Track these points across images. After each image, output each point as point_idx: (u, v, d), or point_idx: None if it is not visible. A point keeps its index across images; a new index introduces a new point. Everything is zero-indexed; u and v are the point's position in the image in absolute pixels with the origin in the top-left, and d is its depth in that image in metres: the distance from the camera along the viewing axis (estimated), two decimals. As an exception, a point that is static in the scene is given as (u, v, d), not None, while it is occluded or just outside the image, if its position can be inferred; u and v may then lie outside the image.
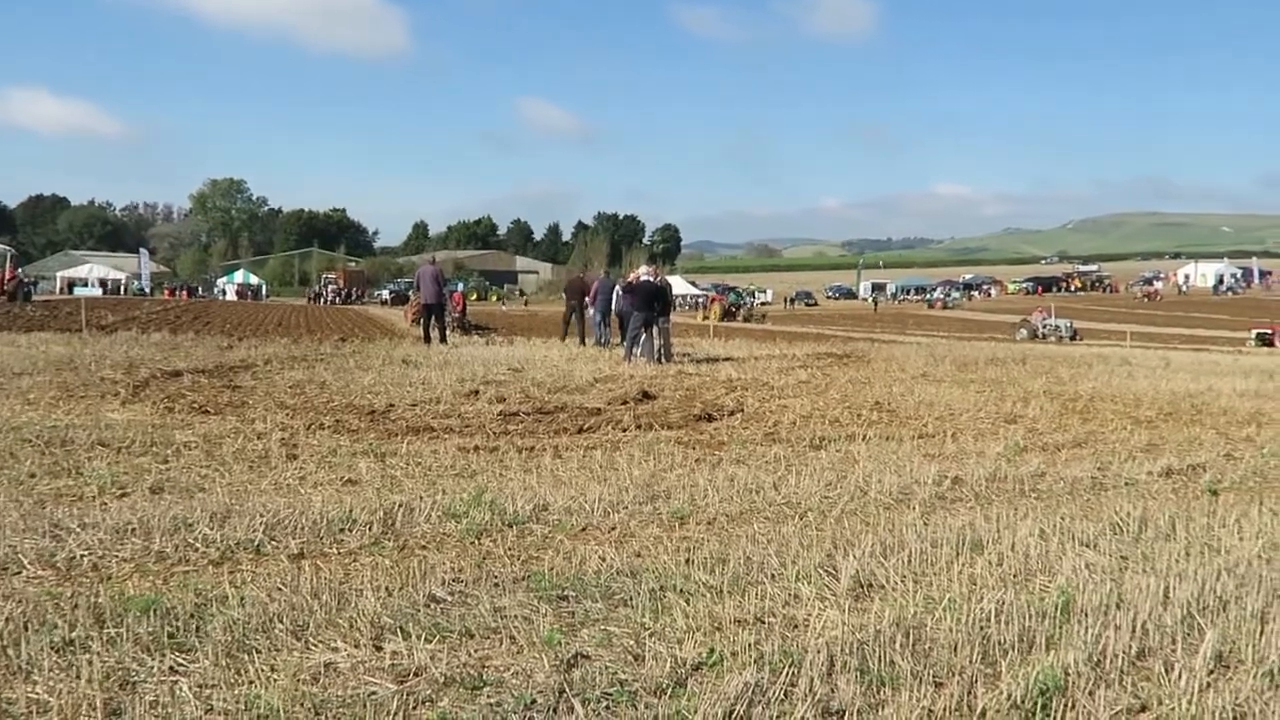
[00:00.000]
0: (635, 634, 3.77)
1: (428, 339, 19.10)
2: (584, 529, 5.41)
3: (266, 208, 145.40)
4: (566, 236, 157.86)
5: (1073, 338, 41.27)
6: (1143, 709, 3.25)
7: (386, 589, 4.21)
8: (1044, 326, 43.52)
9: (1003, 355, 19.96)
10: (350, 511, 5.41)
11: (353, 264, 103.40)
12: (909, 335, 38.69)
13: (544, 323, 38.11)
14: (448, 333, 20.41)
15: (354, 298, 78.59)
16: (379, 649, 3.54)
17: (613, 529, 5.41)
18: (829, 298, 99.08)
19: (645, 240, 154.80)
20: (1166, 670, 3.51)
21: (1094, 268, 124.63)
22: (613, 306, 18.82)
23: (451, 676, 3.33)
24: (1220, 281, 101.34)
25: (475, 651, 3.57)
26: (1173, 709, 3.20)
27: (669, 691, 3.25)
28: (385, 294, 75.06)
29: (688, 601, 4.10)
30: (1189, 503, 6.38)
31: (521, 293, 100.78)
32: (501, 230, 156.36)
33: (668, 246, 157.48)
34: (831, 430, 9.20)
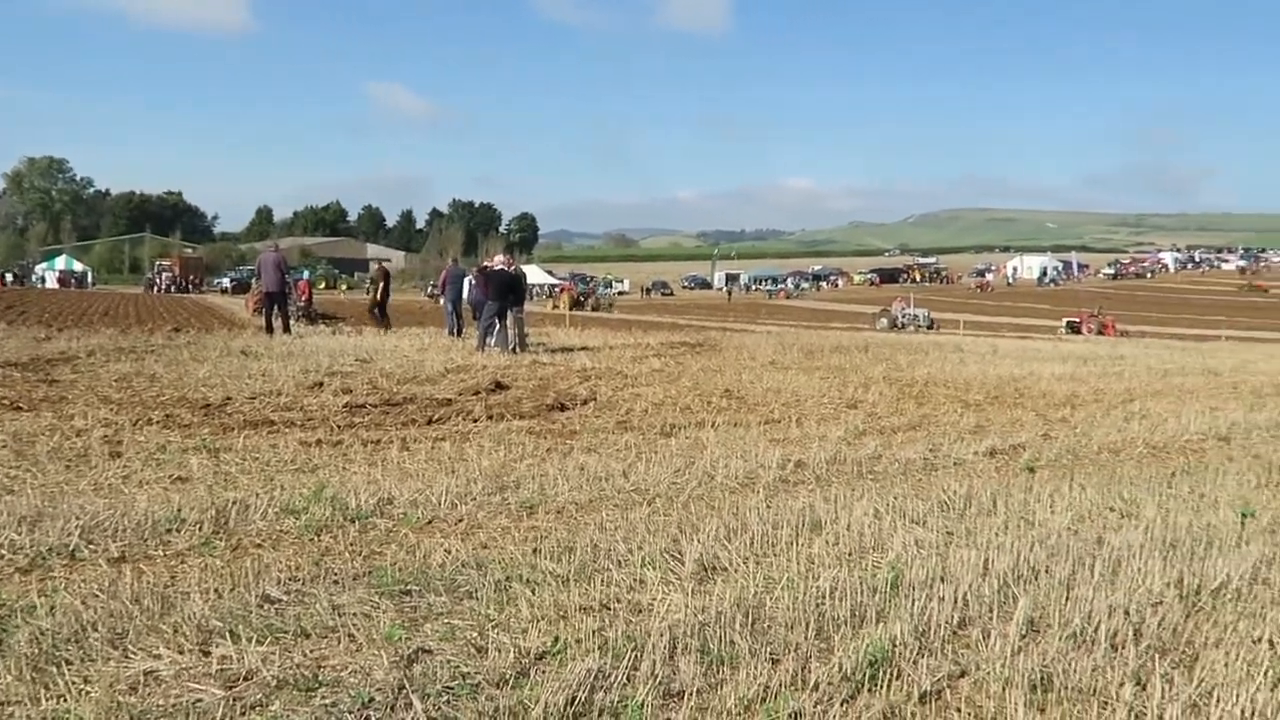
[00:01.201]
0: (479, 626, 3.73)
1: (270, 329, 18.29)
2: (430, 522, 5.30)
3: (93, 189, 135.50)
4: (421, 224, 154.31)
5: (930, 327, 43.03)
6: (962, 674, 3.45)
7: (216, 591, 4.01)
8: (903, 316, 45.23)
9: (847, 343, 20.77)
10: (179, 511, 5.12)
11: (189, 250, 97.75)
12: (760, 324, 39.74)
13: (395, 312, 37.14)
14: (292, 323, 19.61)
15: (191, 286, 74.37)
16: (206, 654, 3.37)
17: (460, 521, 5.33)
18: (685, 288, 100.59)
19: (501, 229, 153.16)
20: (984, 637, 3.74)
21: (932, 260, 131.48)
22: (465, 296, 18.53)
23: (284, 679, 3.20)
24: (1044, 274, 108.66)
25: (311, 652, 3.44)
26: (988, 673, 3.41)
27: (512, 682, 3.23)
28: (225, 282, 71.37)
29: (534, 591, 4.08)
30: (1009, 480, 6.82)
31: (372, 281, 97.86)
32: (352, 216, 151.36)
33: (525, 235, 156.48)
34: (682, 417, 9.36)
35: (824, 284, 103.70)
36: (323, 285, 70.84)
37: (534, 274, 71.49)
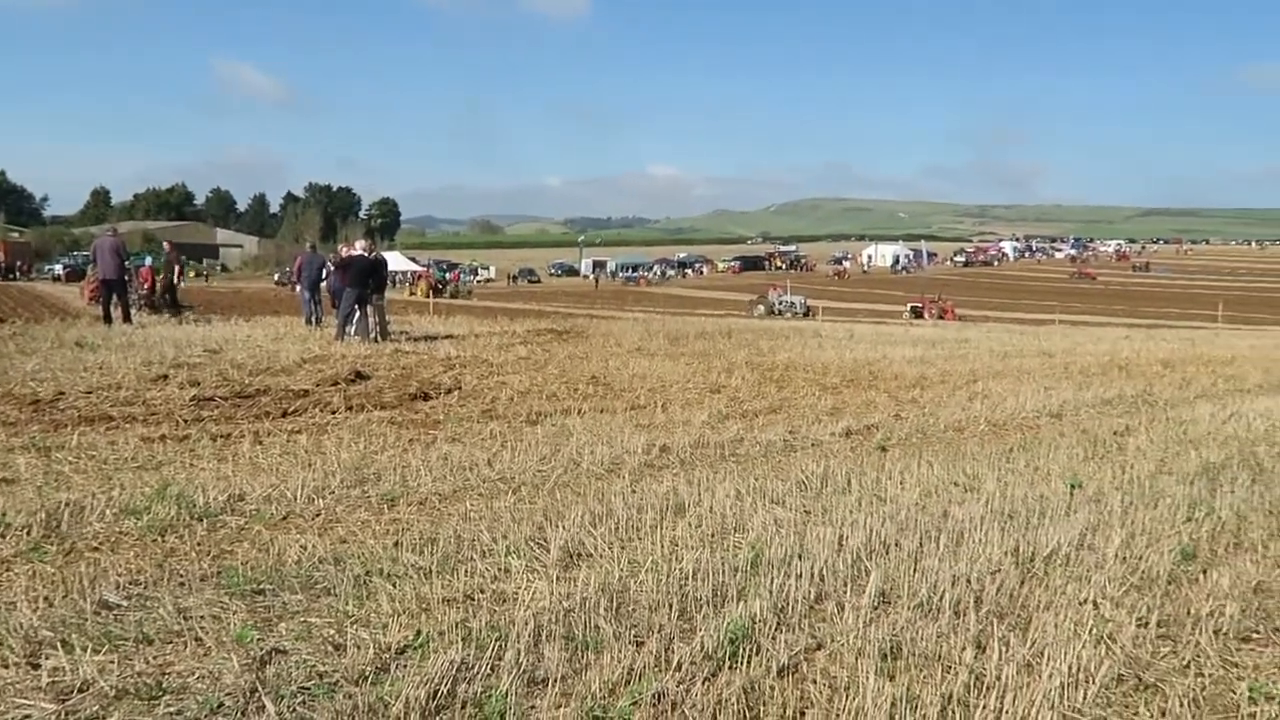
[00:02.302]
0: (337, 623, 3.62)
1: (108, 319, 17.18)
2: (285, 518, 5.11)
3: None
4: (275, 208, 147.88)
5: (806, 314, 43.88)
6: (819, 647, 3.57)
7: (46, 599, 3.75)
8: (780, 303, 45.94)
9: (711, 329, 21.15)
10: (3, 515, 4.76)
11: (15, 234, 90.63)
12: (627, 311, 40.00)
13: (248, 300, 35.56)
14: (133, 312, 18.49)
15: (18, 273, 69.02)
16: (35, 666, 3.15)
17: (317, 516, 5.15)
18: (552, 275, 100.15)
19: (362, 214, 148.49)
20: (839, 610, 3.88)
21: (793, 248, 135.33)
22: (323, 283, 17.91)
23: (124, 688, 3.03)
24: (896, 261, 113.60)
25: (154, 659, 3.27)
26: (843, 644, 3.55)
27: (371, 679, 3.15)
28: (58, 269, 66.54)
29: (395, 585, 3.99)
30: (863, 459, 7.10)
31: (224, 268, 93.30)
32: (199, 200, 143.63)
33: (386, 221, 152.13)
34: (549, 405, 9.32)
35: (689, 271, 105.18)
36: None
37: (396, 260, 69.61)
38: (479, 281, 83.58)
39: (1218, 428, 8.81)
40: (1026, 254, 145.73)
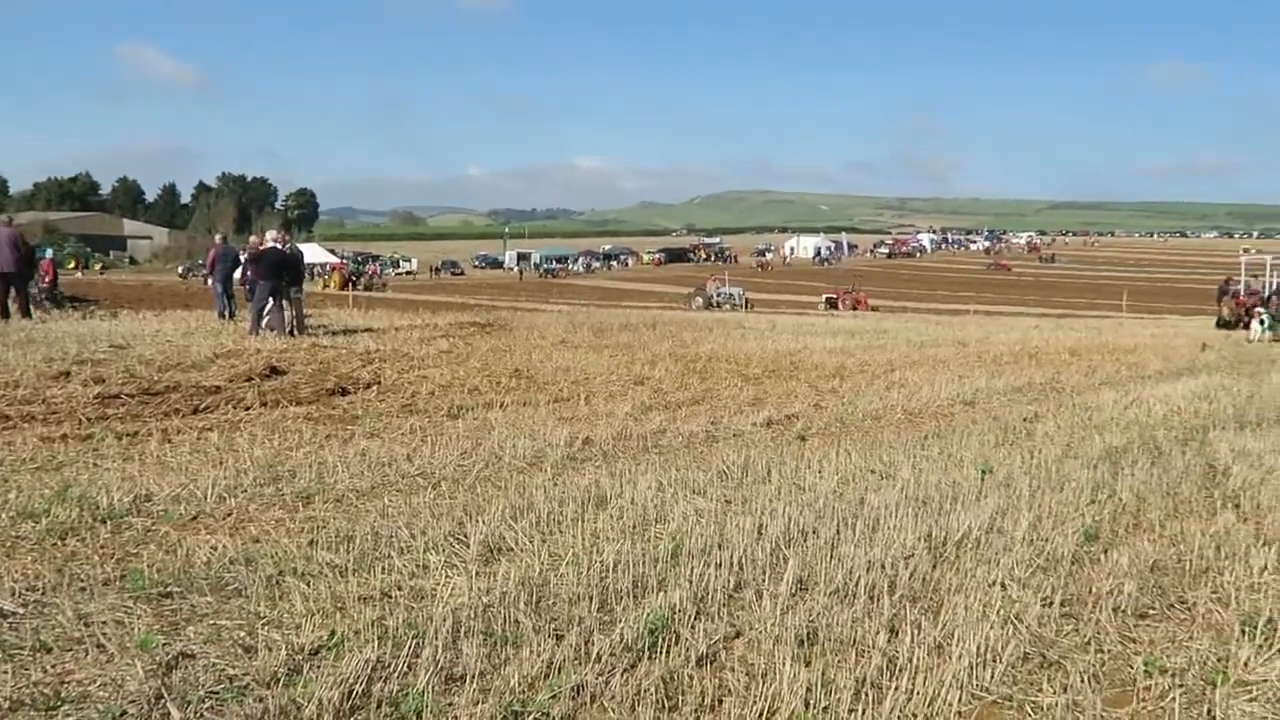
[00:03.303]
0: (249, 625, 3.53)
1: (5, 314, 16.43)
2: (194, 518, 4.96)
3: None
4: (186, 198, 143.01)
5: (745, 306, 43.62)
6: (737, 635, 3.61)
7: (-66, 609, 3.57)
8: (718, 295, 45.90)
9: (635, 321, 21.20)
10: (-113, 521, 4.52)
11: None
12: (552, 304, 39.85)
13: (157, 294, 34.36)
14: (32, 306, 17.71)
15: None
16: (-79, 680, 3.00)
17: (228, 515, 5.01)
18: (476, 267, 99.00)
19: (278, 205, 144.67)
20: (757, 598, 3.93)
21: (717, 240, 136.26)
22: (236, 276, 17.42)
23: (19, 699, 2.91)
24: (818, 253, 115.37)
25: (52, 667, 3.15)
26: (761, 632, 3.60)
27: (283, 680, 3.08)
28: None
29: (309, 584, 3.90)
30: (783, 449, 7.20)
31: (132, 260, 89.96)
32: (105, 189, 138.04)
33: (304, 212, 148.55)
34: (470, 399, 9.23)
35: (614, 263, 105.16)
36: (72, 265, 64.23)
37: (315, 253, 68.08)
38: (396, 274, 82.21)
39: (1120, 413, 9.17)
40: (943, 246, 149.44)
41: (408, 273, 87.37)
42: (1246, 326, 28.36)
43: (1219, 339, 22.10)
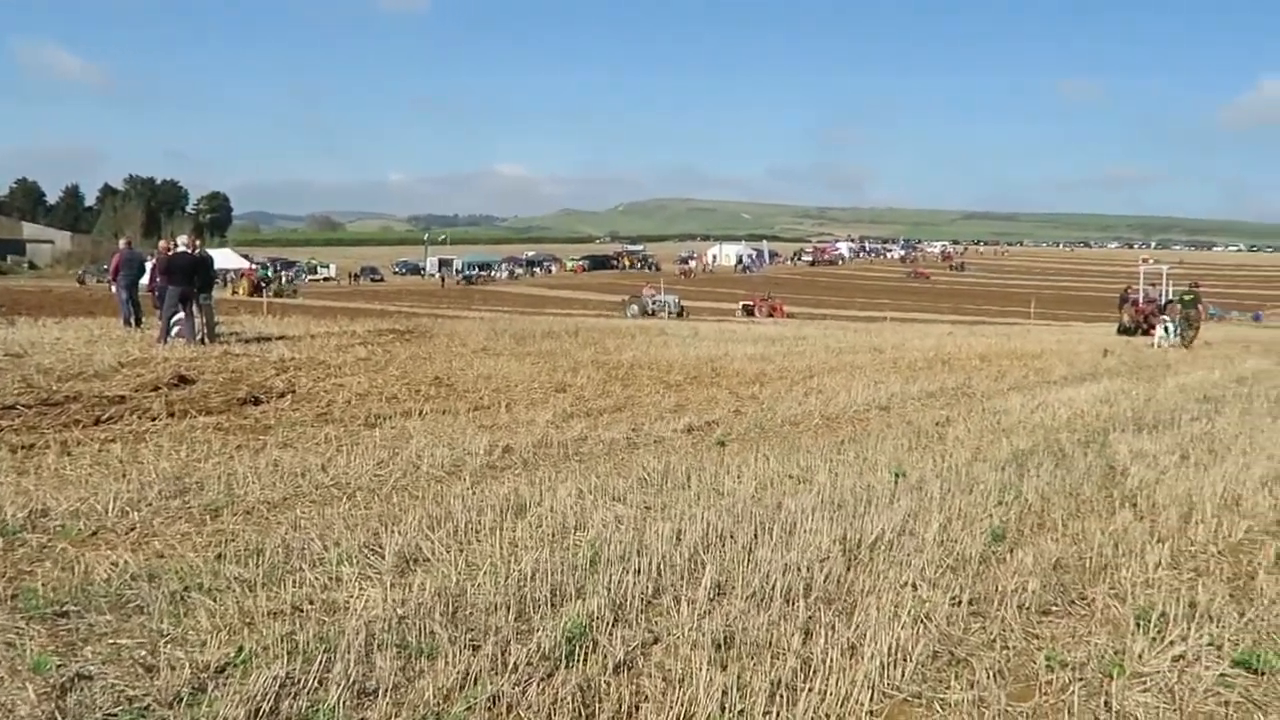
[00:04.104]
0: (150, 643, 3.41)
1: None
2: (95, 533, 4.76)
3: None
4: (90, 201, 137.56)
5: (680, 314, 43.51)
6: (655, 641, 3.62)
7: None
8: (653, 303, 45.65)
9: (558, 329, 21.11)
10: None
11: None
12: (474, 311, 39.46)
13: (58, 300, 32.98)
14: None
15: None
16: None
17: (131, 530, 4.83)
18: (396, 273, 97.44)
19: (189, 208, 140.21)
20: (675, 604, 3.95)
21: (640, 247, 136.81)
22: (143, 282, 16.82)
23: (-103, 728, 2.75)
24: (740, 261, 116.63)
25: (-65, 693, 2.98)
26: (678, 637, 3.61)
27: (186, 700, 2.98)
28: None
29: (215, 600, 3.79)
30: (703, 454, 7.25)
31: (31, 265, 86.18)
32: (2, 190, 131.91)
33: (217, 216, 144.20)
34: (388, 407, 9.07)
35: (538, 270, 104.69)
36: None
37: (228, 258, 66.21)
38: (313, 280, 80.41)
39: (1027, 417, 9.48)
40: (861, 254, 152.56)
41: (326, 279, 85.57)
42: (1146, 333, 29.66)
43: (1120, 345, 23.03)
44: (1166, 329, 23.91)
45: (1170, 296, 33.38)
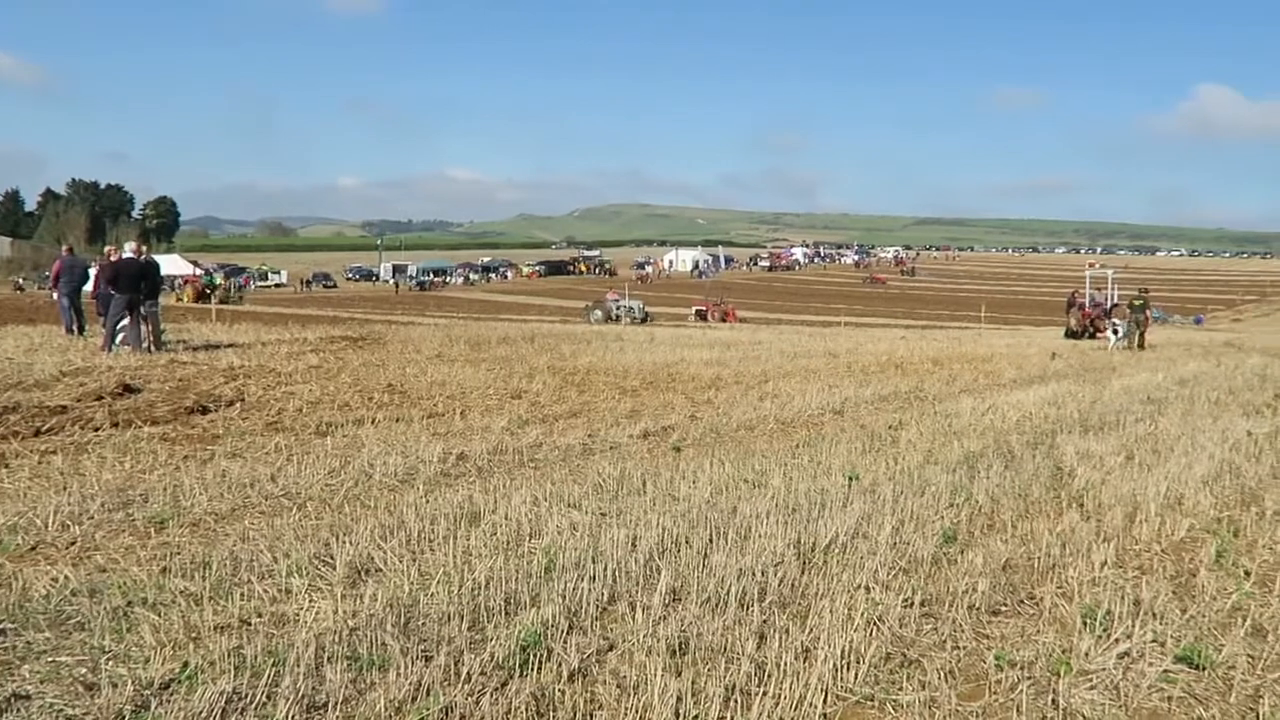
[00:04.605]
0: (91, 660, 3.32)
1: None
2: (33, 548, 4.64)
3: None
4: (31, 205, 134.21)
5: (644, 320, 43.31)
6: (610, 648, 3.61)
7: None
8: (617, 308, 45.44)
9: (514, 334, 21.02)
10: None
11: None
12: (429, 317, 39.14)
13: None
14: None
15: None
16: None
17: (72, 544, 4.70)
18: (349, 279, 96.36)
19: (135, 213, 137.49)
20: (631, 610, 3.94)
21: (596, 253, 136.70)
22: (87, 289, 16.42)
23: None
24: (696, 266, 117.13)
25: None
26: (633, 643, 3.60)
27: (129, 718, 2.91)
28: None
29: (160, 614, 3.70)
30: (658, 460, 7.26)
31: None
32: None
33: (163, 222, 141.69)
34: (340, 415, 8.95)
35: (493, 276, 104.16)
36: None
37: (176, 264, 64.93)
38: (263, 286, 79.17)
39: (977, 419, 9.62)
40: (815, 260, 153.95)
41: (277, 285, 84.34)
42: (1093, 336, 30.32)
43: (1067, 348, 23.50)
44: (1117, 331, 24.45)
45: (1115, 300, 34.20)
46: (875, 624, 3.85)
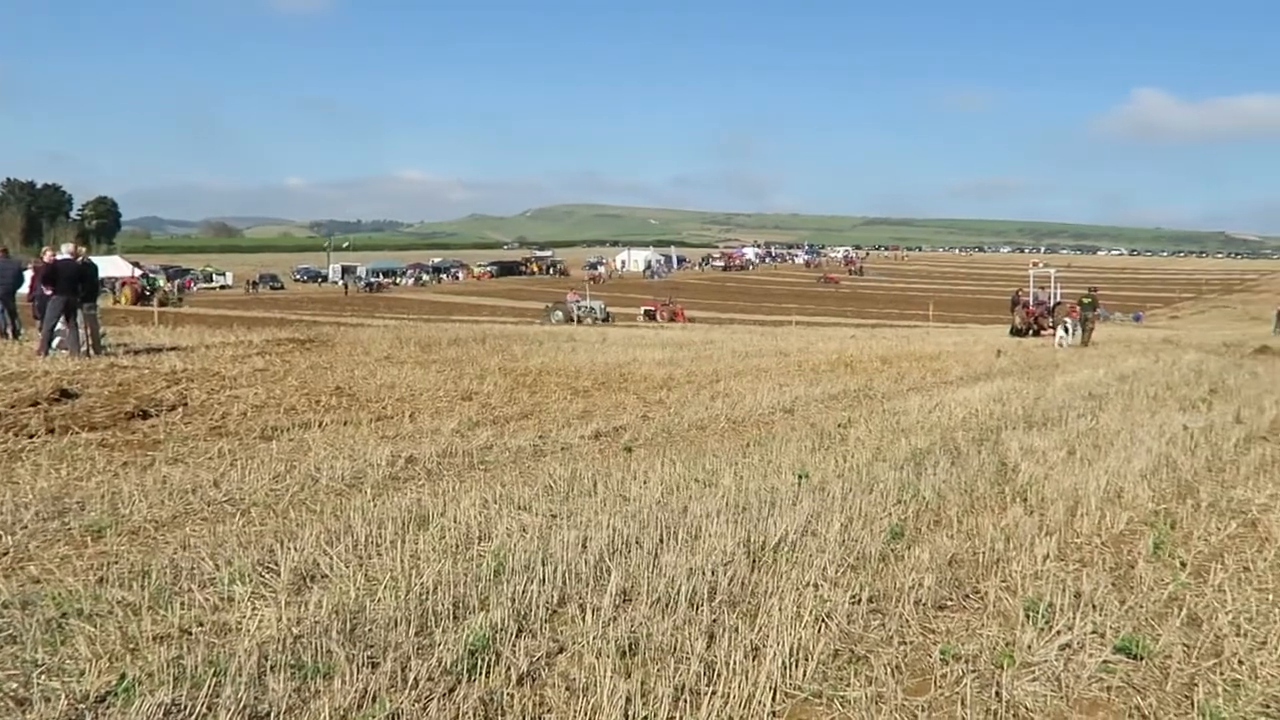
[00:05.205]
0: (23, 674, 3.22)
1: None
2: (-37, 559, 4.48)
3: None
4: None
5: (605, 319, 43.24)
6: (560, 650, 3.59)
7: None
8: (579, 309, 45.13)
9: (465, 335, 20.85)
10: None
11: None
12: (378, 318, 38.68)
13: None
14: None
15: None
16: None
17: (4, 555, 4.57)
18: (297, 281, 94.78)
19: (74, 214, 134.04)
20: (581, 612, 3.92)
21: (549, 253, 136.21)
22: (21, 291, 15.96)
23: None
24: (648, 267, 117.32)
25: None
26: (583, 645, 3.59)
27: (62, 733, 2.82)
28: None
29: (96, 626, 3.61)
30: (610, 460, 7.24)
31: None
32: None
33: (103, 222, 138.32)
34: (286, 419, 8.80)
35: (445, 276, 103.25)
36: None
37: (117, 266, 63.37)
38: (205, 289, 77.61)
39: (925, 417, 9.76)
40: (767, 259, 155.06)
41: (222, 287, 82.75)
42: (1037, 334, 30.95)
43: (1012, 346, 23.95)
44: (1066, 329, 24.99)
45: (1059, 299, 34.95)
46: (824, 621, 3.88)
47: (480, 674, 3.30)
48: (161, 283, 60.48)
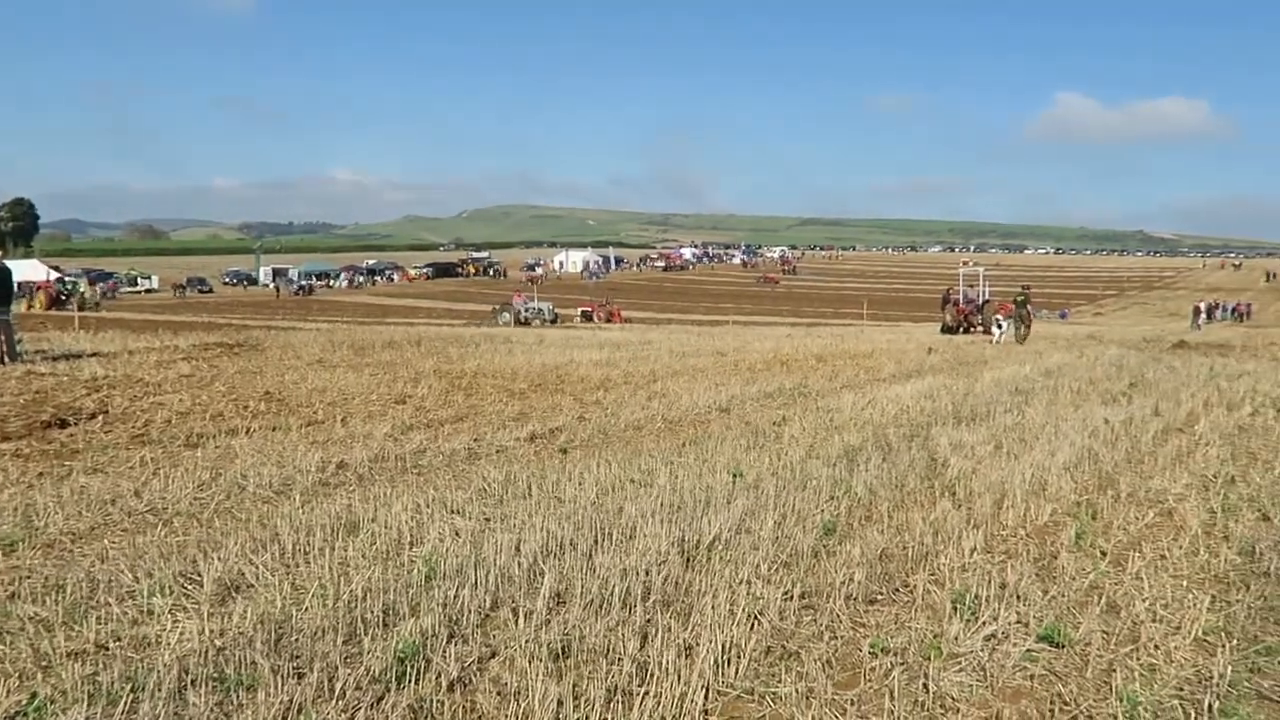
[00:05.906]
0: (-74, 697, 3.08)
1: None
2: None
3: None
4: None
5: (554, 320, 42.74)
6: (492, 655, 3.56)
7: None
8: (526, 310, 44.60)
9: (400, 338, 20.56)
10: None
11: None
12: (311, 321, 37.94)
13: None
14: None
15: None
16: None
17: (-93, 571, 4.36)
18: (226, 284, 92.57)
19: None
20: (514, 615, 3.89)
21: (486, 254, 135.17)
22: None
23: None
24: (586, 267, 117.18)
25: None
26: (516, 649, 3.56)
27: (-33, 757, 2.71)
28: None
29: (6, 643, 3.47)
30: (545, 462, 7.21)
31: None
32: None
33: (20, 225, 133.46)
34: (212, 426, 8.58)
35: (379, 278, 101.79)
36: None
37: (33, 270, 61.21)
38: (128, 292, 75.38)
39: (858, 414, 9.91)
40: (704, 259, 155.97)
41: (148, 291, 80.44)
42: (967, 331, 31.66)
43: (943, 343, 24.44)
44: (1001, 326, 25.59)
45: (988, 297, 35.81)
46: (756, 618, 3.91)
47: (410, 681, 3.25)
48: (83, 287, 58.45)
